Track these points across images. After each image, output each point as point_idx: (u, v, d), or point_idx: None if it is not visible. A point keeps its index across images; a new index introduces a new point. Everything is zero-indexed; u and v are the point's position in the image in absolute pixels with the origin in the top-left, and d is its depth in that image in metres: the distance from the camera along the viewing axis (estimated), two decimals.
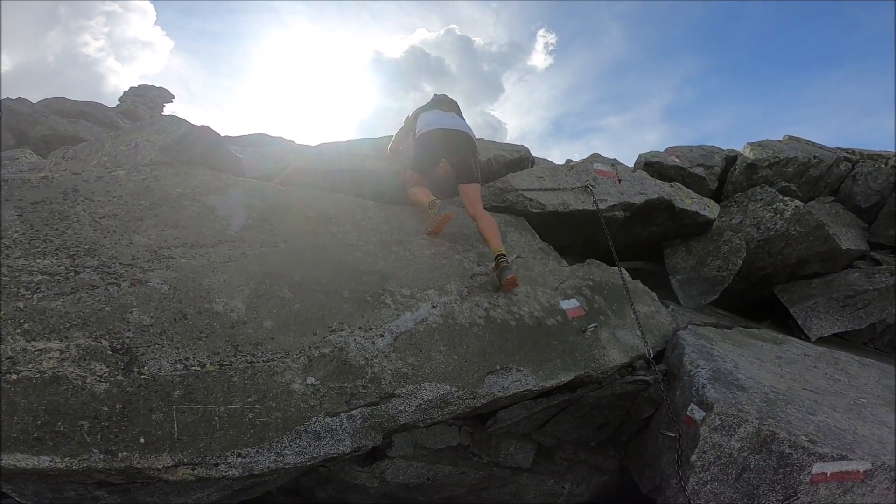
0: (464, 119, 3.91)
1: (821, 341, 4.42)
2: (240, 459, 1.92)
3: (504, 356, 2.73)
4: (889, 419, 2.88)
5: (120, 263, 2.37)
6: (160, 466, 1.82)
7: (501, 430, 3.07)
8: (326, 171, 4.19)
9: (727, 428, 2.50)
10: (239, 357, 2.17)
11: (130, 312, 2.17)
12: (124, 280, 2.30)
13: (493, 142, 5.08)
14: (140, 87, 16.14)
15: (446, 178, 3.99)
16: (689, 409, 2.68)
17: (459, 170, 3.56)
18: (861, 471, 2.41)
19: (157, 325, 2.17)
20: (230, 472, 1.91)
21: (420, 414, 2.36)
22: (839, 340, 4.83)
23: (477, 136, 5.33)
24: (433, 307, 2.83)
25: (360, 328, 2.53)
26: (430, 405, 2.39)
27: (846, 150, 6.24)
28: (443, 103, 3.92)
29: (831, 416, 2.73)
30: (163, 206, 2.79)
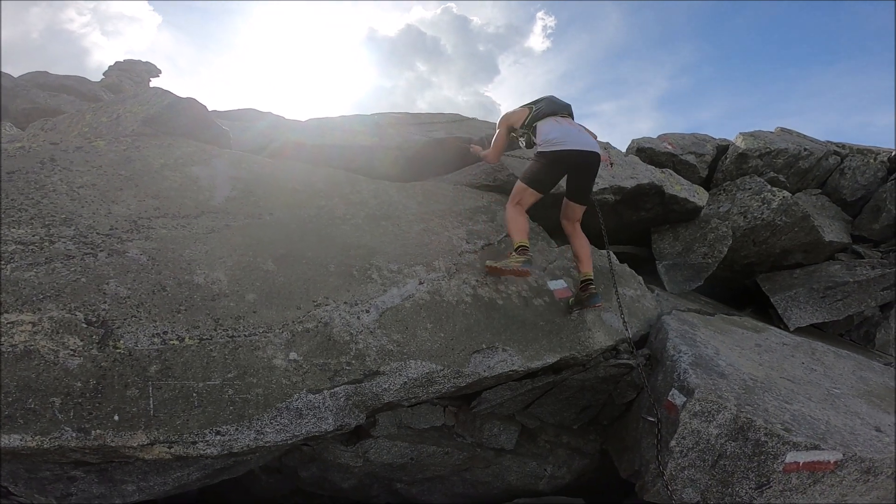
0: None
1: (799, 331, 4.52)
2: (219, 437, 1.88)
3: (490, 335, 2.71)
4: (861, 410, 2.94)
5: (97, 233, 2.29)
6: (135, 444, 1.78)
7: (486, 410, 3.09)
8: (316, 146, 4.10)
9: (706, 414, 2.52)
10: (219, 331, 2.11)
11: (107, 284, 2.10)
12: (101, 250, 2.22)
13: (486, 122, 5.01)
14: (126, 61, 15.59)
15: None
16: (670, 393, 2.71)
17: (577, 190, 3.24)
18: (832, 461, 2.45)
19: (134, 296, 2.10)
20: (209, 451, 1.87)
21: (405, 392, 2.34)
22: (816, 331, 4.95)
23: (470, 116, 5.24)
24: (420, 283, 2.79)
25: (345, 303, 2.48)
26: (415, 384, 2.36)
27: (836, 144, 6.31)
28: (561, 108, 3.40)
29: (806, 405, 2.78)
30: (144, 177, 2.71)
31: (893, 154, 5.98)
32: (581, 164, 3.10)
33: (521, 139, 3.53)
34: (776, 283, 4.88)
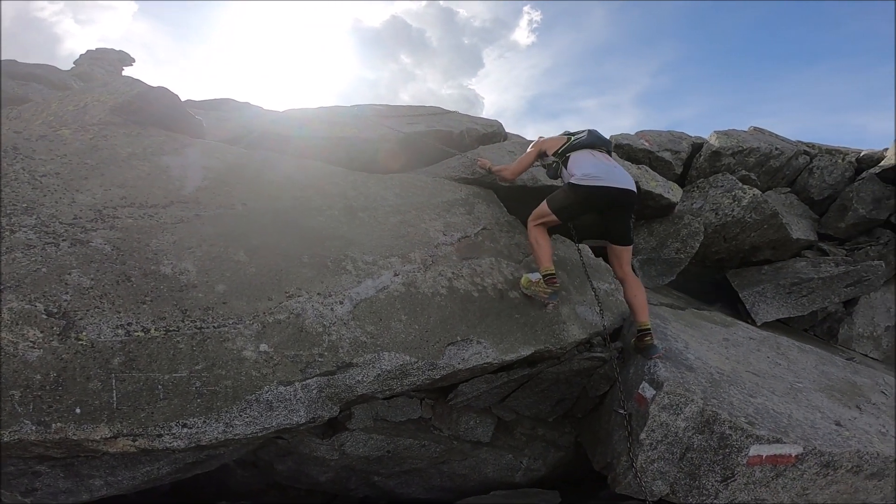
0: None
1: (766, 326, 4.67)
2: (185, 430, 1.85)
3: (466, 327, 2.72)
4: (822, 404, 3.03)
5: (60, 223, 2.22)
6: (98, 438, 1.74)
7: (462, 403, 3.11)
8: (294, 137, 4.05)
9: (674, 407, 2.57)
10: (187, 322, 2.07)
11: (69, 274, 2.04)
12: (64, 240, 2.15)
13: (468, 115, 5.02)
14: (98, 49, 15.06)
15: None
16: (641, 386, 2.75)
17: (616, 232, 3.09)
18: (793, 455, 2.52)
19: (97, 287, 2.05)
20: (175, 444, 1.84)
21: (379, 384, 2.33)
22: (783, 326, 5.13)
23: (452, 109, 5.23)
24: (396, 275, 2.78)
25: (318, 294, 2.45)
26: (389, 376, 2.36)
27: (807, 144, 6.51)
28: (601, 143, 3.29)
29: (770, 398, 2.85)
30: (110, 166, 2.64)
31: (861, 155, 6.20)
32: (616, 203, 2.96)
33: (546, 166, 3.44)
34: (745, 278, 5.03)
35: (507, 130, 5.21)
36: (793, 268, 5.03)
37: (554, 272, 2.94)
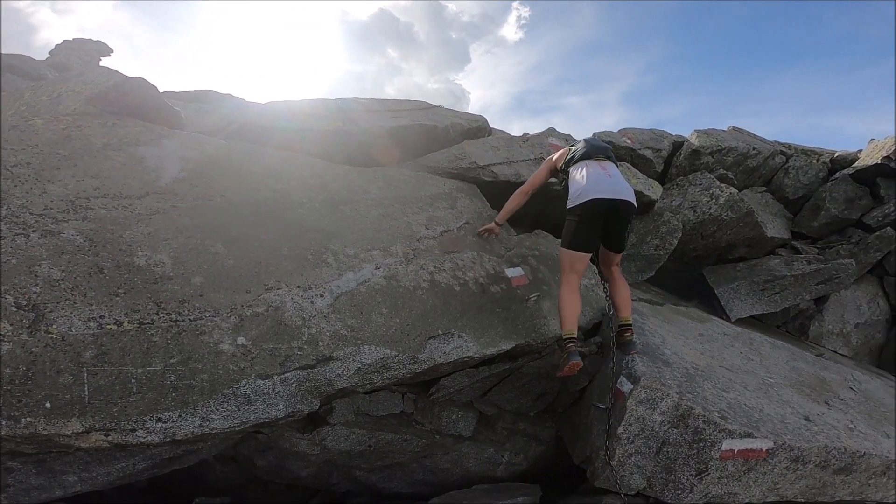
0: (615, 160, 3.24)
1: (740, 322, 4.79)
2: (160, 424, 1.82)
3: (447, 321, 2.73)
4: (793, 400, 3.09)
5: (30, 213, 2.16)
6: (69, 433, 1.72)
7: (444, 397, 3.11)
8: (276, 129, 3.97)
9: (651, 401, 2.60)
10: (162, 315, 2.04)
11: (39, 266, 1.99)
12: (34, 231, 2.10)
13: (453, 110, 5.00)
14: (75, 40, 14.56)
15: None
16: (619, 381, 2.79)
17: (611, 237, 3.01)
18: (764, 449, 2.57)
19: (68, 279, 2.00)
20: (149, 438, 1.82)
21: (359, 378, 2.33)
22: (756, 322, 5.26)
23: (437, 104, 5.20)
24: (377, 268, 2.78)
25: (298, 287, 2.43)
26: (370, 369, 2.36)
27: (783, 144, 6.67)
28: (596, 151, 3.14)
29: (742, 393, 2.90)
30: (84, 156, 2.57)
31: (835, 156, 6.39)
32: (610, 213, 2.85)
33: (560, 183, 3.34)
34: (721, 275, 5.15)
35: (492, 126, 5.22)
36: (767, 265, 5.16)
37: (573, 336, 2.70)
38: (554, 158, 3.38)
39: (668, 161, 5.67)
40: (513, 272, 3.29)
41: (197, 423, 1.88)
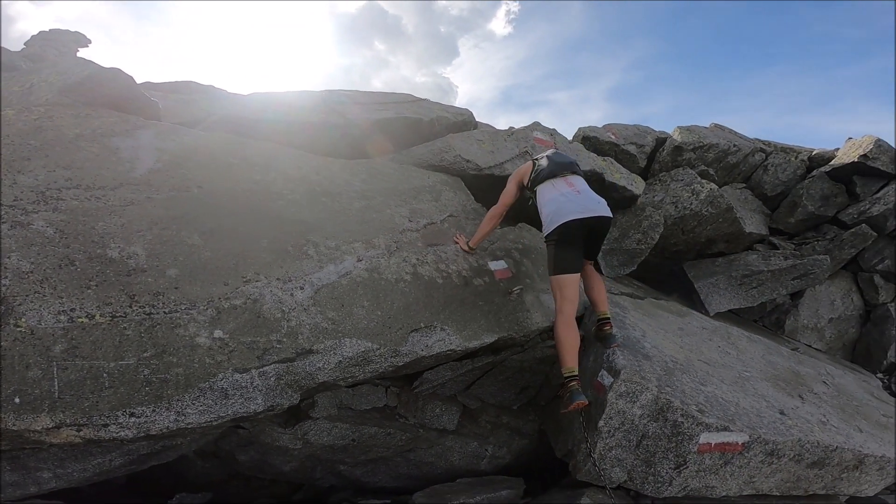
0: (580, 171, 3.14)
1: (718, 316, 4.87)
2: (133, 419, 1.78)
3: (429, 314, 2.72)
4: (768, 393, 3.12)
5: None
6: (39, 428, 1.68)
7: (427, 391, 3.11)
8: (258, 121, 3.90)
9: (631, 395, 2.61)
10: (135, 308, 1.99)
11: (8, 258, 1.93)
12: (3, 222, 2.04)
13: (438, 103, 4.97)
14: (51, 31, 14.00)
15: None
16: (599, 374, 2.80)
17: (586, 250, 2.96)
18: (740, 443, 2.59)
19: (38, 271, 1.94)
20: (122, 433, 1.78)
21: (340, 372, 2.31)
22: (734, 316, 5.36)
23: (424, 97, 5.15)
24: (359, 260, 2.75)
25: (277, 279, 2.40)
26: (351, 363, 2.33)
27: (763, 142, 6.78)
28: (561, 168, 3.02)
29: (719, 387, 2.93)
30: (56, 147, 2.51)
31: (813, 154, 6.52)
32: (586, 232, 2.80)
33: (528, 201, 3.20)
34: (700, 270, 5.23)
35: (478, 120, 5.20)
36: (744, 260, 5.25)
37: (574, 374, 2.64)
38: (520, 172, 3.25)
39: (651, 156, 5.73)
40: (496, 265, 3.29)
41: (172, 418, 1.84)
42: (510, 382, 3.35)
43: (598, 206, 2.84)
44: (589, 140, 5.32)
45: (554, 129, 4.76)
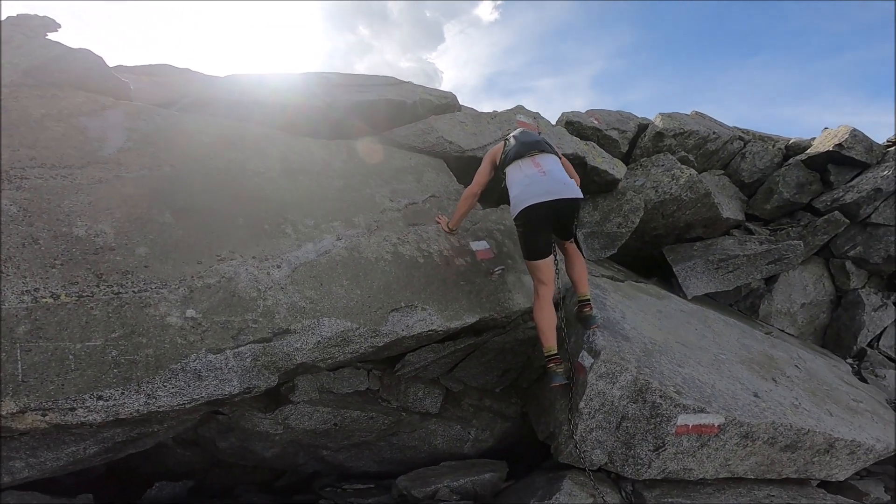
0: (552, 148, 3.00)
1: (695, 300, 4.95)
2: (101, 402, 1.73)
3: (410, 294, 2.69)
4: (742, 376, 3.17)
5: None
6: (4, 413, 1.62)
7: (410, 374, 3.09)
8: (234, 102, 3.77)
9: (611, 375, 2.61)
10: (103, 287, 1.92)
11: None
12: None
13: (421, 86, 4.89)
14: (19, 16, 13.29)
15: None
16: (580, 355, 2.80)
17: (558, 231, 2.90)
18: (716, 424, 2.62)
19: (0, 250, 1.85)
20: (91, 417, 1.72)
21: (319, 352, 2.27)
22: (710, 300, 5.46)
23: (405, 80, 5.06)
24: (338, 239, 2.69)
25: (253, 258, 2.34)
26: (330, 343, 2.30)
27: (742, 130, 6.89)
28: (528, 148, 2.90)
29: (696, 369, 2.95)
30: (20, 127, 2.41)
31: (790, 142, 6.66)
32: (552, 214, 2.71)
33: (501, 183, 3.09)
34: (679, 254, 5.30)
35: (461, 104, 5.14)
36: (721, 245, 5.34)
37: (554, 353, 2.69)
38: (493, 152, 3.15)
39: (633, 142, 5.77)
40: (478, 245, 3.27)
41: (142, 401, 1.79)
42: (492, 365, 3.35)
43: (564, 188, 2.72)
44: (572, 125, 5.33)
45: (537, 113, 4.74)
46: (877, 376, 5.17)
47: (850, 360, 5.51)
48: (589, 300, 2.94)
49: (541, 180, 2.73)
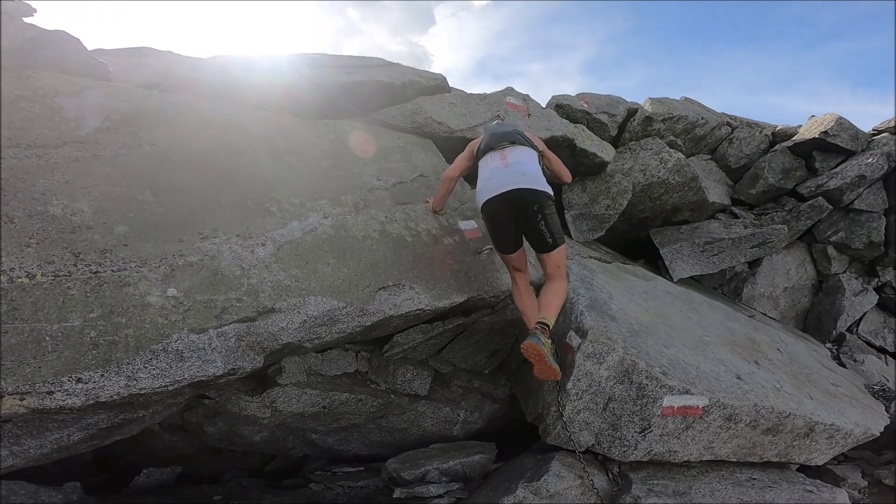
0: (526, 140, 2.87)
1: (681, 282, 5.01)
2: (80, 385, 1.68)
3: (398, 272, 2.66)
4: (726, 358, 3.20)
5: None
6: None
7: (398, 355, 3.08)
8: (218, 82, 3.67)
9: (598, 356, 2.63)
10: (80, 266, 1.86)
11: None
12: None
13: (411, 67, 4.82)
14: None
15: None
16: (568, 335, 2.82)
17: (526, 234, 2.70)
18: (700, 406, 2.64)
19: None
20: (70, 401, 1.68)
21: (305, 332, 2.23)
22: (695, 283, 5.53)
23: (394, 61, 4.98)
24: (325, 217, 2.65)
25: (237, 236, 2.29)
26: (316, 322, 2.26)
27: (730, 117, 6.96)
28: (498, 140, 2.80)
29: (681, 350, 2.98)
30: None
31: (777, 129, 6.74)
32: (512, 207, 2.56)
33: None
34: (665, 236, 5.36)
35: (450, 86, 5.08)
36: (707, 228, 5.41)
37: (542, 321, 2.50)
38: (473, 144, 3.07)
39: (623, 126, 5.79)
40: (466, 225, 3.25)
41: (122, 383, 1.74)
42: (481, 346, 3.36)
43: (521, 179, 2.56)
44: (562, 108, 5.31)
45: (527, 95, 4.71)
46: (855, 361, 5.28)
47: (829, 345, 5.60)
48: (547, 326, 2.50)
49: (501, 173, 2.63)
